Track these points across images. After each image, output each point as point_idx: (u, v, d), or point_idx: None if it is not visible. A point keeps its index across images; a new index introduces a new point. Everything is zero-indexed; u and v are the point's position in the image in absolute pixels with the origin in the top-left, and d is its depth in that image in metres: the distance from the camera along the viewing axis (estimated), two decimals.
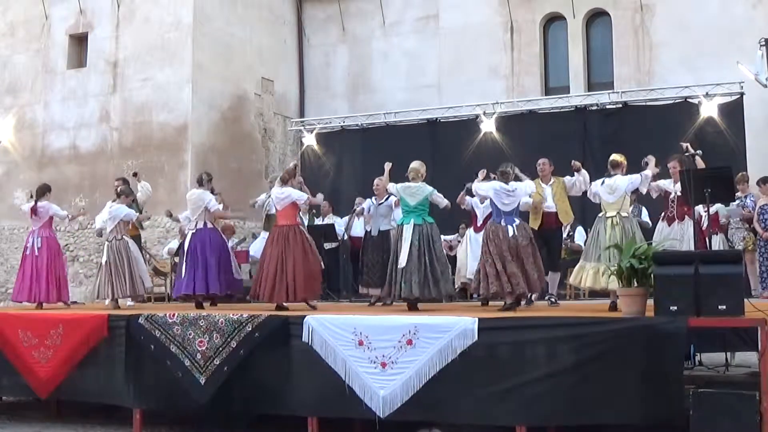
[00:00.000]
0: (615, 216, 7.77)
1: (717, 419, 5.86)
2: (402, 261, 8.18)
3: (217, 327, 7.35)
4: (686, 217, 8.60)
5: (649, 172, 8.08)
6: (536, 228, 8.76)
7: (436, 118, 14.67)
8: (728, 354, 9.20)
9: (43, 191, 10.28)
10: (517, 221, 8.20)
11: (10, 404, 9.43)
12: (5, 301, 15.87)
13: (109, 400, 8.02)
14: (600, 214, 8.00)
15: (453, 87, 15.90)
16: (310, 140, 15.28)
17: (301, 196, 8.96)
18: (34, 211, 10.09)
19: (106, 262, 9.64)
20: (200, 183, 9.54)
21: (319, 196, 9.64)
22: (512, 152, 13.07)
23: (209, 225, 9.37)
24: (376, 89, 16.98)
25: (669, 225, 9.03)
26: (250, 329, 7.25)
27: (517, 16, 15.85)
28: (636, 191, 8.36)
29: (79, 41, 16.19)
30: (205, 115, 15.26)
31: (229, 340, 7.27)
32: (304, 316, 7.14)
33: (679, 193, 8.65)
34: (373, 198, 10.18)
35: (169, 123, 15.04)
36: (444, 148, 13.91)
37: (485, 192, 8.40)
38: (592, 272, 7.65)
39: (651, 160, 8.19)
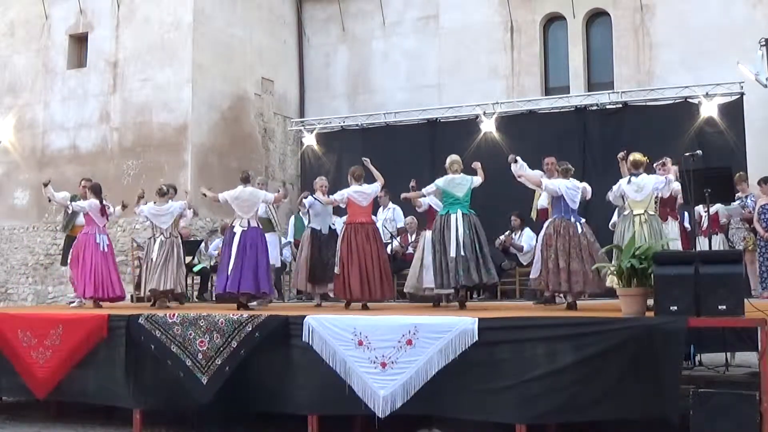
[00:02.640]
0: (643, 214, 7.75)
1: (717, 419, 5.86)
2: (453, 251, 8.28)
3: (217, 327, 7.35)
4: (669, 218, 8.52)
5: (672, 175, 8.06)
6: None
7: (436, 118, 14.65)
8: (728, 354, 9.20)
9: (100, 190, 10.24)
10: (583, 219, 8.24)
11: (10, 404, 9.42)
12: (5, 301, 15.88)
13: (109, 400, 8.02)
14: (625, 213, 7.97)
15: (453, 87, 15.89)
16: (310, 140, 15.28)
17: (378, 187, 9.24)
18: (103, 211, 10.06)
19: (157, 257, 9.59)
20: (247, 181, 9.50)
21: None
22: (512, 152, 13.02)
23: (255, 224, 9.33)
24: (376, 89, 16.96)
25: None
26: (250, 329, 7.26)
27: (517, 16, 15.84)
28: None
29: (79, 41, 16.18)
30: (205, 115, 15.26)
31: (229, 339, 7.28)
32: (304, 316, 7.14)
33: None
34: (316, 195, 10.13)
35: (169, 123, 15.04)
36: (444, 148, 13.80)
37: (555, 188, 8.17)
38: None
39: (668, 161, 8.19)
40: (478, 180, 8.83)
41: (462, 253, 8.29)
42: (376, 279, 8.78)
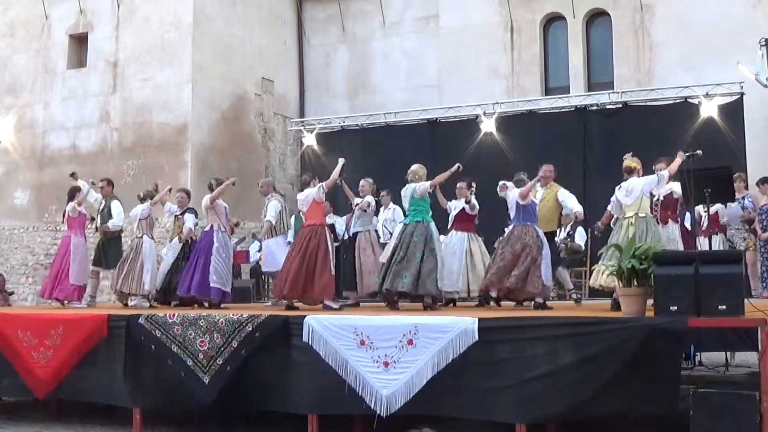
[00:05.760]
0: (632, 217, 7.78)
1: (717, 419, 5.86)
2: (383, 257, 8.57)
3: (217, 327, 7.35)
4: (670, 221, 8.50)
5: (665, 172, 8.03)
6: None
7: (436, 118, 14.67)
8: (728, 354, 9.20)
9: (71, 194, 10.44)
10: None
11: (10, 404, 9.42)
12: None
13: (109, 400, 8.03)
14: (620, 216, 8.02)
15: (453, 87, 15.90)
16: (310, 140, 15.29)
17: (318, 190, 9.29)
18: (64, 215, 10.43)
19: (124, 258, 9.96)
20: (211, 189, 9.82)
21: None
22: (512, 152, 13.10)
23: (214, 227, 9.64)
24: (376, 89, 16.98)
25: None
26: (250, 329, 7.26)
27: (517, 16, 15.85)
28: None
29: (79, 41, 16.20)
30: (205, 115, 15.27)
31: (230, 339, 7.28)
32: (304, 316, 7.15)
33: (663, 197, 8.53)
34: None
35: (169, 123, 15.05)
36: (444, 148, 13.90)
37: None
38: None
39: (663, 163, 8.28)
40: (422, 190, 8.58)
41: (383, 260, 8.52)
42: (300, 279, 8.79)
